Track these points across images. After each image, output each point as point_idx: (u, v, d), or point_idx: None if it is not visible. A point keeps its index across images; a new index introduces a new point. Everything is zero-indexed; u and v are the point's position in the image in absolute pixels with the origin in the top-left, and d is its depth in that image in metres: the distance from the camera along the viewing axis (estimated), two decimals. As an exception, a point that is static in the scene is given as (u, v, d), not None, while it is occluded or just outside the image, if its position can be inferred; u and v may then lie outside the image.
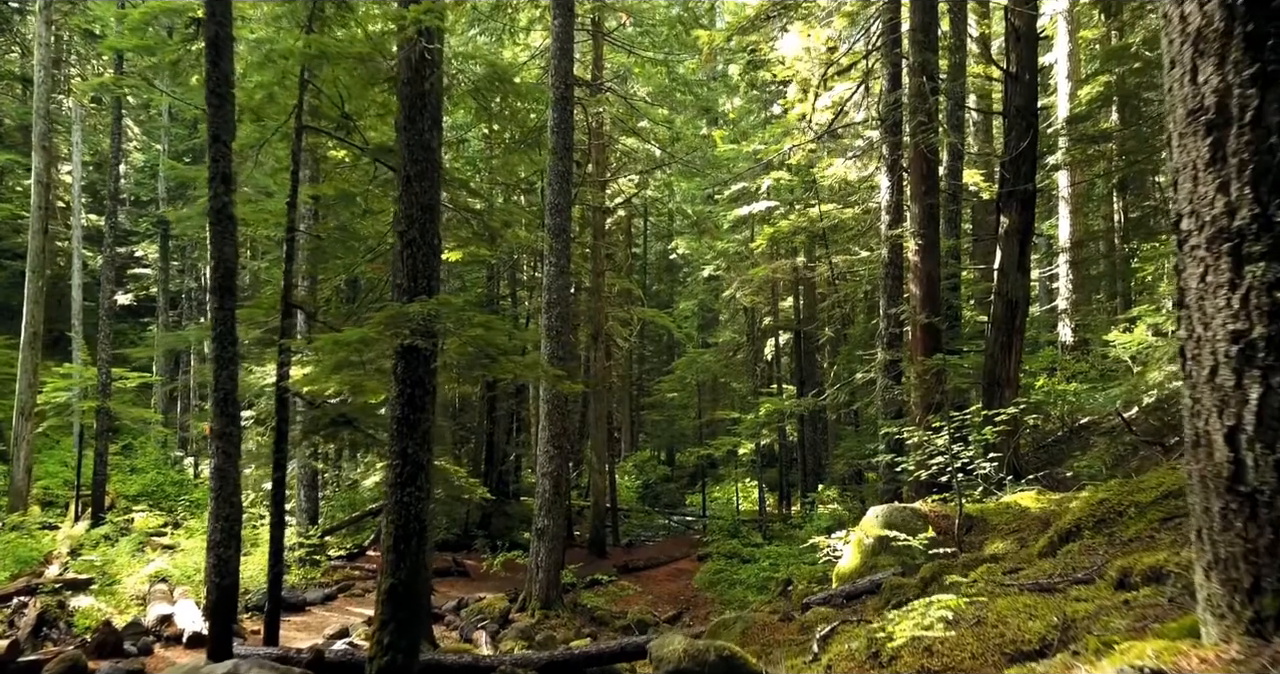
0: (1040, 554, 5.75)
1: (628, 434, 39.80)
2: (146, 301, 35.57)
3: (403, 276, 7.04)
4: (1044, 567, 4.89)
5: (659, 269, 44.42)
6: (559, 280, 14.47)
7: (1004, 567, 5.32)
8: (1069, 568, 4.60)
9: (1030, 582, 4.43)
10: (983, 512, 8.44)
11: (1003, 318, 12.34)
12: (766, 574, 16.59)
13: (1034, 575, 4.63)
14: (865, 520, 8.87)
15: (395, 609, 6.71)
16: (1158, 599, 3.11)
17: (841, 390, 14.36)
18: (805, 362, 25.89)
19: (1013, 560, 6.13)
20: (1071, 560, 4.82)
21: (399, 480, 6.88)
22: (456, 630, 13.13)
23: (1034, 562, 5.42)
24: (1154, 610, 2.95)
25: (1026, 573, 4.77)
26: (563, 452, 14.53)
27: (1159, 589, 3.22)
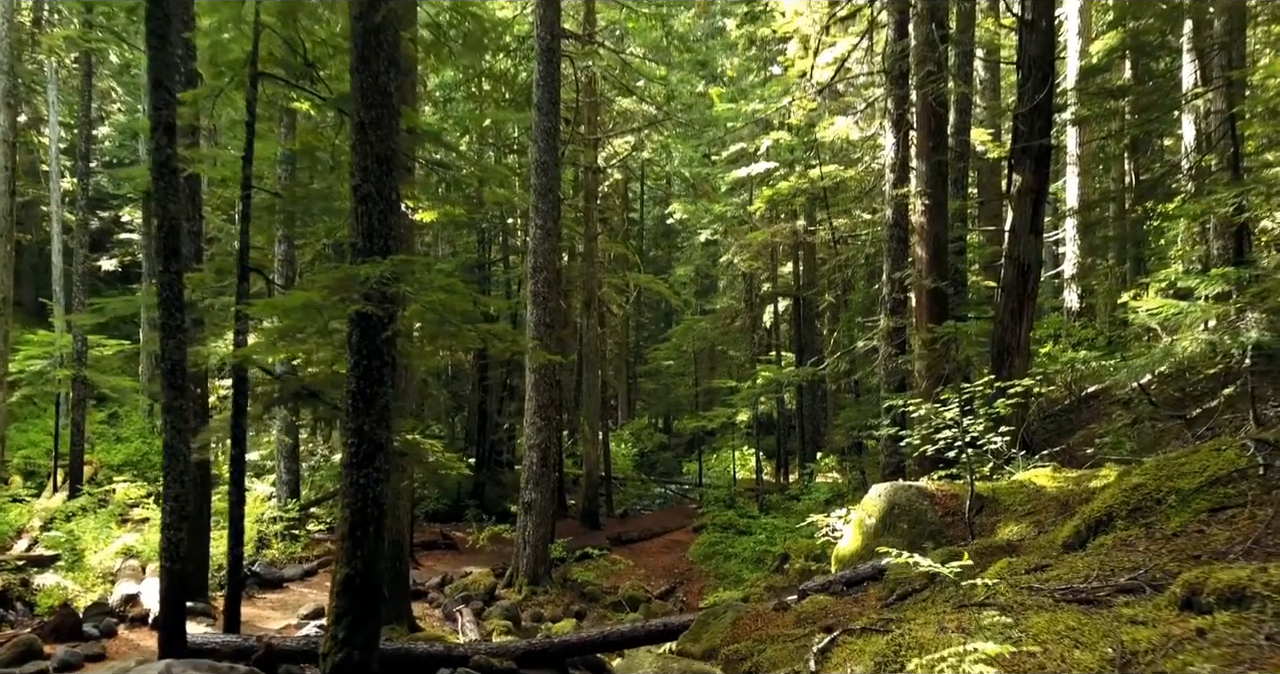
0: (1066, 546, 5.12)
1: (624, 402, 39.26)
2: (133, 267, 34.80)
3: (358, 236, 6.34)
4: (1075, 565, 4.25)
5: (656, 234, 43.60)
6: (545, 243, 13.75)
7: (1026, 562, 4.69)
8: (1106, 568, 3.97)
9: (1063, 586, 3.79)
10: (994, 490, 7.82)
11: (1013, 282, 11.64)
12: (763, 547, 16.08)
13: (1066, 577, 4.00)
14: (867, 499, 8.26)
15: (351, 601, 6.12)
16: (1244, 631, 2.49)
17: (842, 359, 13.72)
18: (805, 329, 25.22)
19: (1034, 552, 5.50)
20: (1108, 558, 4.19)
21: (354, 460, 6.25)
22: (439, 608, 12.62)
23: (1060, 557, 4.79)
24: (1247, 650, 2.34)
25: (1056, 573, 4.14)
26: (550, 423, 13.92)
27: (1242, 616, 2.60)
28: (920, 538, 7.56)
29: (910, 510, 7.73)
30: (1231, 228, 15.34)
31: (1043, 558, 4.87)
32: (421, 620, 11.93)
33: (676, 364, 29.97)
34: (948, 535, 7.47)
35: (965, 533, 7.34)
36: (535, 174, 13.91)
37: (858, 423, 17.18)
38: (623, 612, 13.65)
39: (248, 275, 8.57)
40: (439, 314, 6.24)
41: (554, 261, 14.09)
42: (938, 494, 7.89)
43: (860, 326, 19.68)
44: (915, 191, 12.08)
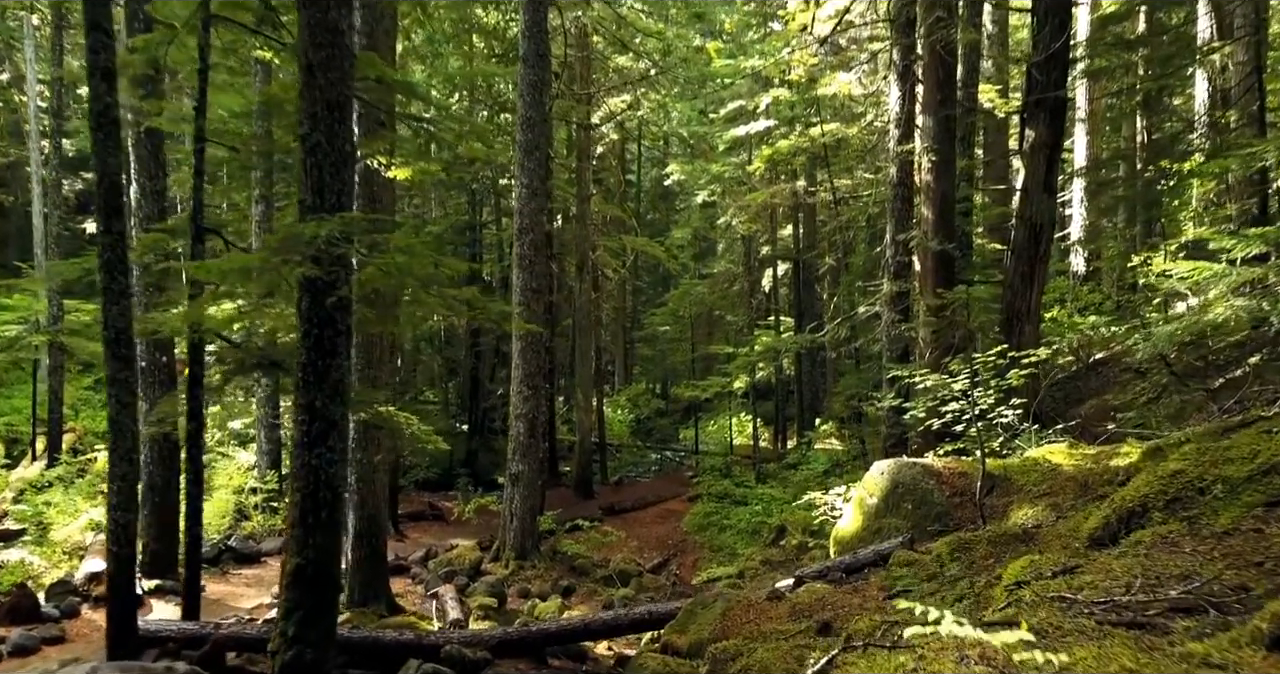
0: (1093, 539, 4.55)
1: (621, 367, 38.72)
2: (118, 230, 34.03)
3: (306, 191, 5.70)
4: (1111, 567, 3.68)
5: (654, 196, 42.77)
6: (532, 203, 13.07)
7: (1051, 561, 4.12)
8: (1151, 576, 3.40)
9: (1103, 599, 3.22)
10: (1005, 468, 7.26)
11: (1025, 244, 10.99)
12: (759, 519, 15.62)
13: (1104, 585, 3.43)
14: (869, 477, 7.71)
15: (303, 594, 5.57)
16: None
17: (842, 326, 13.11)
18: (805, 293, 24.57)
19: (1055, 543, 4.95)
20: (1149, 561, 3.62)
21: (306, 440, 5.66)
22: (422, 584, 12.16)
23: (1089, 554, 4.22)
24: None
25: (1091, 579, 3.57)
26: (538, 392, 13.36)
27: (1360, 668, 2.05)
28: (925, 520, 7.03)
29: (915, 490, 7.18)
30: (1254, 187, 14.64)
31: (1069, 555, 4.30)
32: (402, 598, 11.47)
33: (673, 329, 29.38)
34: (955, 518, 6.93)
35: (974, 515, 6.79)
36: (521, 130, 13.19)
37: (858, 391, 16.63)
38: (613, 586, 13.20)
39: (203, 236, 7.92)
40: (396, 279, 5.62)
41: (541, 223, 13.42)
42: (944, 472, 7.34)
43: (861, 291, 19.06)
44: (921, 148, 11.38)
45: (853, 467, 16.00)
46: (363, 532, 10.18)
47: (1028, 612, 3.46)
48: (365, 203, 10.14)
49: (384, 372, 10.35)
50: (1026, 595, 3.65)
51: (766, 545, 14.50)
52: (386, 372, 10.53)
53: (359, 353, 10.15)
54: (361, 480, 10.18)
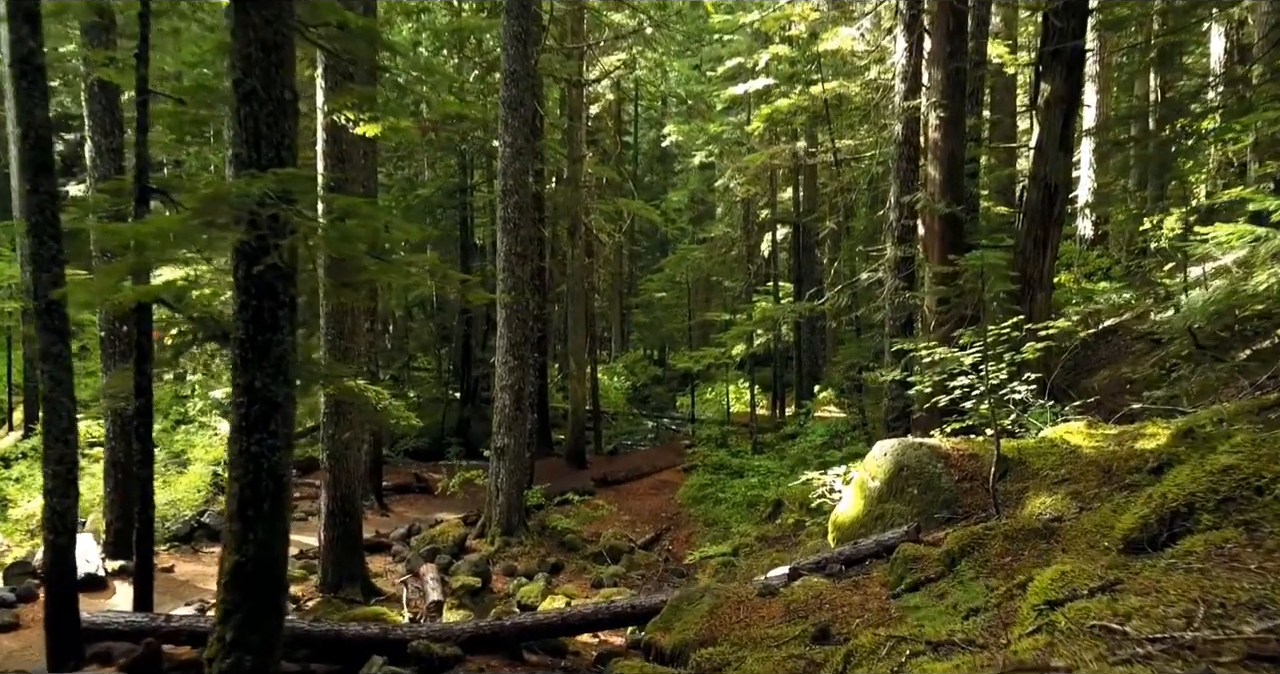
0: (1129, 543, 3.98)
1: (618, 333, 38.16)
2: (102, 193, 33.28)
3: (240, 144, 5.04)
4: (1160, 585, 3.11)
5: (651, 159, 41.87)
6: (516, 163, 12.36)
7: (1086, 573, 3.54)
8: (1214, 601, 2.82)
9: (1160, 636, 2.65)
10: (1019, 450, 6.69)
11: (1038, 206, 10.35)
12: (755, 492, 15.11)
13: (1158, 613, 2.85)
14: (871, 458, 7.14)
15: (243, 595, 5.02)
16: None
17: (843, 293, 12.49)
18: (804, 258, 23.89)
19: (1084, 546, 4.38)
20: (1208, 580, 3.04)
21: (244, 424, 5.07)
22: (403, 562, 11.66)
23: (1128, 564, 3.65)
24: None
25: (1139, 602, 2.98)
26: (524, 362, 12.77)
27: None
28: (932, 507, 6.47)
29: (921, 474, 6.61)
30: (1279, 146, 13.94)
31: (1106, 564, 3.72)
32: (381, 578, 10.99)
33: (670, 295, 28.71)
34: (964, 505, 6.37)
35: (986, 502, 6.24)
36: (505, 85, 12.45)
37: (858, 360, 16.05)
38: (603, 563, 12.72)
39: (148, 198, 7.27)
40: (337, 244, 5.00)
41: (526, 183, 12.73)
42: (953, 454, 6.77)
43: (863, 256, 18.41)
44: (929, 103, 10.67)
45: (852, 438, 15.47)
46: (335, 511, 9.66)
47: (1063, 643, 2.89)
48: (334, 162, 9.48)
49: (357, 343, 9.75)
50: (1060, 621, 3.07)
51: (763, 520, 14.01)
52: (360, 342, 9.93)
53: (329, 323, 9.55)
54: (333, 457, 9.64)
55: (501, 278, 12.53)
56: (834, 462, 14.30)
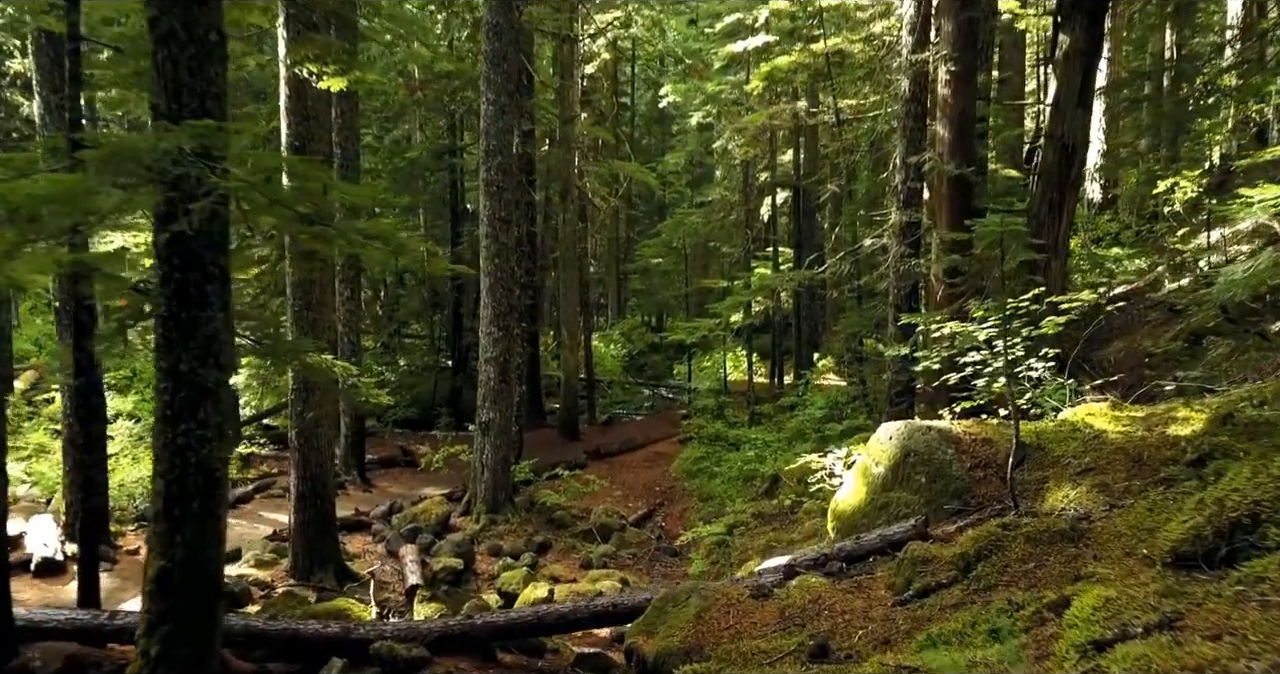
0: (1179, 557, 3.42)
1: (615, 300, 37.53)
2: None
3: (159, 93, 4.40)
4: (1232, 622, 2.55)
5: (649, 121, 40.93)
6: (499, 122, 11.66)
7: (1131, 598, 2.98)
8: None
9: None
10: (1038, 434, 6.12)
11: (1054, 167, 9.69)
12: (751, 466, 14.61)
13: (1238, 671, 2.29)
14: (875, 442, 6.58)
15: (170, 603, 4.48)
16: None
17: (844, 260, 11.85)
18: (804, 222, 23.18)
19: (1120, 555, 3.82)
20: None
21: (169, 412, 4.50)
22: (383, 542, 11.17)
23: (1186, 590, 3.08)
24: None
25: (1211, 652, 2.42)
26: (509, 332, 12.17)
27: None
28: (941, 496, 5.91)
29: (930, 460, 6.05)
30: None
31: (1155, 587, 3.15)
32: (359, 560, 10.50)
33: (667, 261, 28.01)
34: (977, 495, 5.81)
35: (1002, 492, 5.68)
36: (488, 39, 11.71)
37: (859, 329, 15.45)
38: (592, 542, 12.25)
39: (83, 156, 6.60)
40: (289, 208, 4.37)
41: (510, 144, 12.03)
42: (964, 438, 6.20)
43: (865, 221, 17.74)
44: (939, 56, 9.95)
45: (852, 410, 14.94)
46: (305, 492, 9.13)
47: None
48: (298, 120, 8.81)
49: (325, 314, 9.15)
50: (1113, 670, 2.50)
51: (759, 496, 13.53)
52: (329, 314, 9.32)
53: (295, 294, 8.94)
54: (303, 436, 9.08)
55: (485, 244, 11.90)
56: (833, 435, 13.80)
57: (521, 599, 8.36)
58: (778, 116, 20.57)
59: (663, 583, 10.72)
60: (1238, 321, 8.21)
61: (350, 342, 13.93)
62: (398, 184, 24.89)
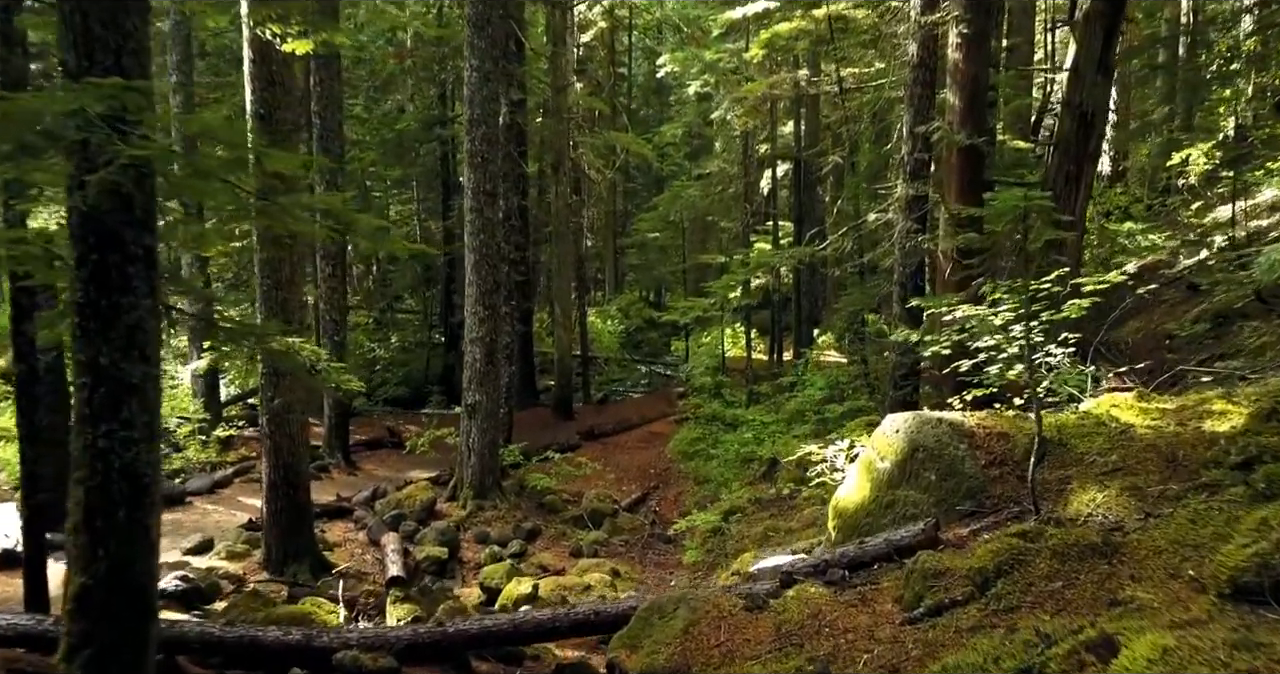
0: (1239, 588, 2.93)
1: (612, 274, 36.89)
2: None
3: (67, 47, 3.85)
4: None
5: (647, 91, 40.10)
6: (484, 89, 11.05)
7: (1202, 654, 2.49)
8: None
9: None
10: (1059, 428, 5.62)
11: (1071, 137, 9.11)
12: (749, 448, 14.16)
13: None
14: (880, 435, 6.08)
15: (93, 626, 4.00)
16: None
17: (847, 237, 11.29)
18: (805, 196, 22.55)
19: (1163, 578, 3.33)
20: None
21: (88, 411, 3.99)
22: (364, 530, 10.72)
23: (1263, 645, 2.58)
24: None
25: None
26: (496, 311, 11.65)
27: None
28: (953, 496, 5.43)
29: (940, 456, 5.55)
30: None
31: (1219, 632, 2.66)
32: (337, 550, 10.06)
33: (664, 236, 27.37)
34: (992, 495, 5.32)
35: (1020, 492, 5.19)
36: (471, 2, 11.07)
37: (861, 307, 14.94)
38: (583, 528, 11.82)
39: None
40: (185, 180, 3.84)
41: (496, 112, 11.43)
42: (978, 432, 5.70)
43: (868, 194, 17.15)
44: (950, 18, 9.33)
45: (854, 390, 14.46)
46: (278, 481, 8.66)
47: None
48: (262, 86, 8.22)
49: (296, 294, 8.62)
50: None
51: (756, 480, 13.08)
52: (299, 294, 8.80)
53: (264, 272, 8.42)
54: (273, 422, 8.60)
55: (469, 219, 11.34)
56: (834, 416, 13.33)
57: (504, 596, 7.91)
58: (778, 86, 19.90)
59: (655, 573, 10.32)
60: (1268, 302, 7.69)
61: (333, 320, 13.42)
62: (389, 156, 24.22)
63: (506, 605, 7.79)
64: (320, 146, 13.16)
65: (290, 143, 8.37)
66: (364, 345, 24.65)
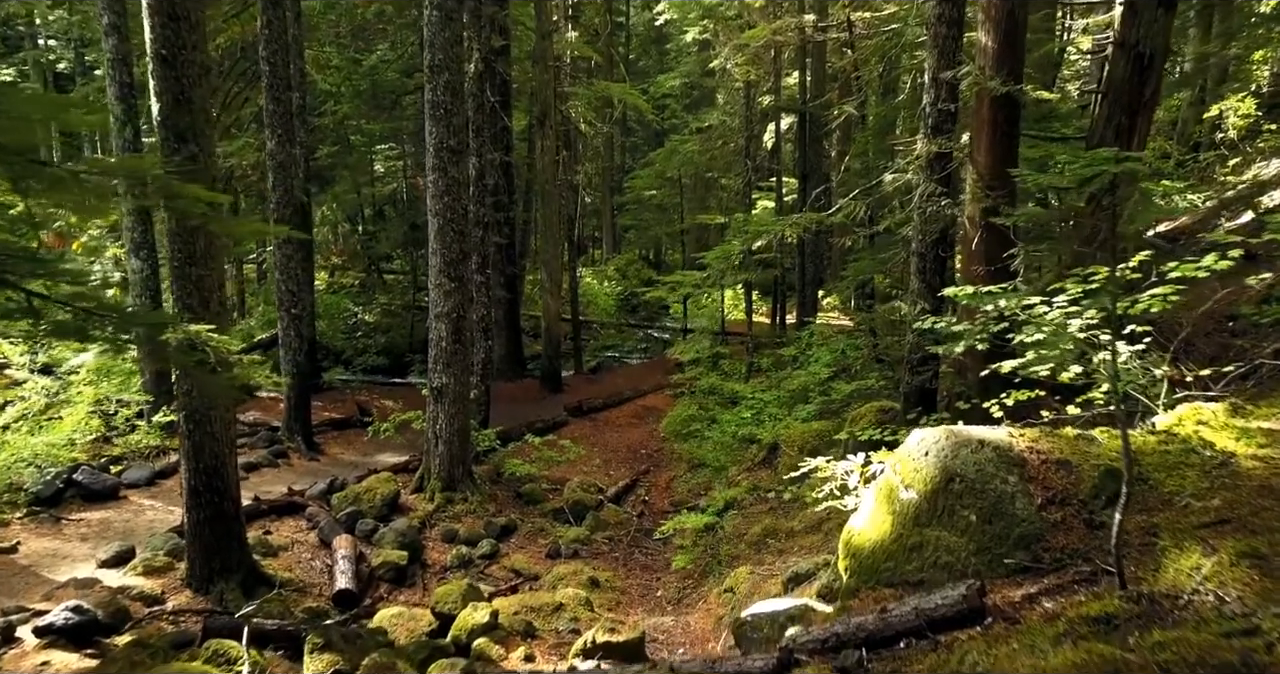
0: None
1: (609, 235, 35.49)
2: None
3: None
4: None
5: (646, 41, 38.34)
6: (446, 31, 9.66)
7: None
8: None
9: None
10: (1138, 454, 4.40)
11: (1124, 84, 7.76)
12: (748, 428, 13.00)
13: None
14: (904, 454, 4.87)
15: None
16: None
17: (859, 201, 9.96)
18: (811, 150, 21.09)
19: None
20: None
21: None
22: (316, 529, 9.60)
23: None
24: None
25: None
26: (463, 283, 10.40)
27: None
28: (1000, 544, 4.23)
29: (983, 491, 4.35)
30: None
31: None
32: (282, 555, 8.94)
33: (660, 194, 25.95)
34: (1054, 548, 4.12)
35: (1088, 546, 4.00)
36: (431, -72, 9.64)
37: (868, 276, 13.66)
38: (564, 523, 10.73)
39: None
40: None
41: (459, 57, 10.03)
42: (1030, 459, 4.48)
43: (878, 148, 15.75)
44: (984, -59, 7.92)
45: (862, 367, 13.23)
46: (199, 487, 7.50)
47: None
48: (164, 21, 6.88)
49: (216, 270, 7.37)
50: None
51: (755, 465, 11.97)
52: (220, 269, 7.54)
53: (174, 245, 7.15)
54: (192, 420, 7.41)
55: (432, 179, 10.04)
56: (840, 396, 12.14)
57: (457, 626, 6.79)
58: (782, 32, 18.33)
59: (640, 579, 9.23)
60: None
61: (290, 291, 12.16)
62: (368, 108, 22.77)
63: (460, 638, 6.67)
64: (269, 97, 11.79)
65: (200, 89, 7.03)
66: (347, 309, 23.46)
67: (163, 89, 6.95)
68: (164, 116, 6.99)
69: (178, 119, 7.01)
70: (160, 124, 7.01)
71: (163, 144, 7.02)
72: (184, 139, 7.03)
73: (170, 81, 6.94)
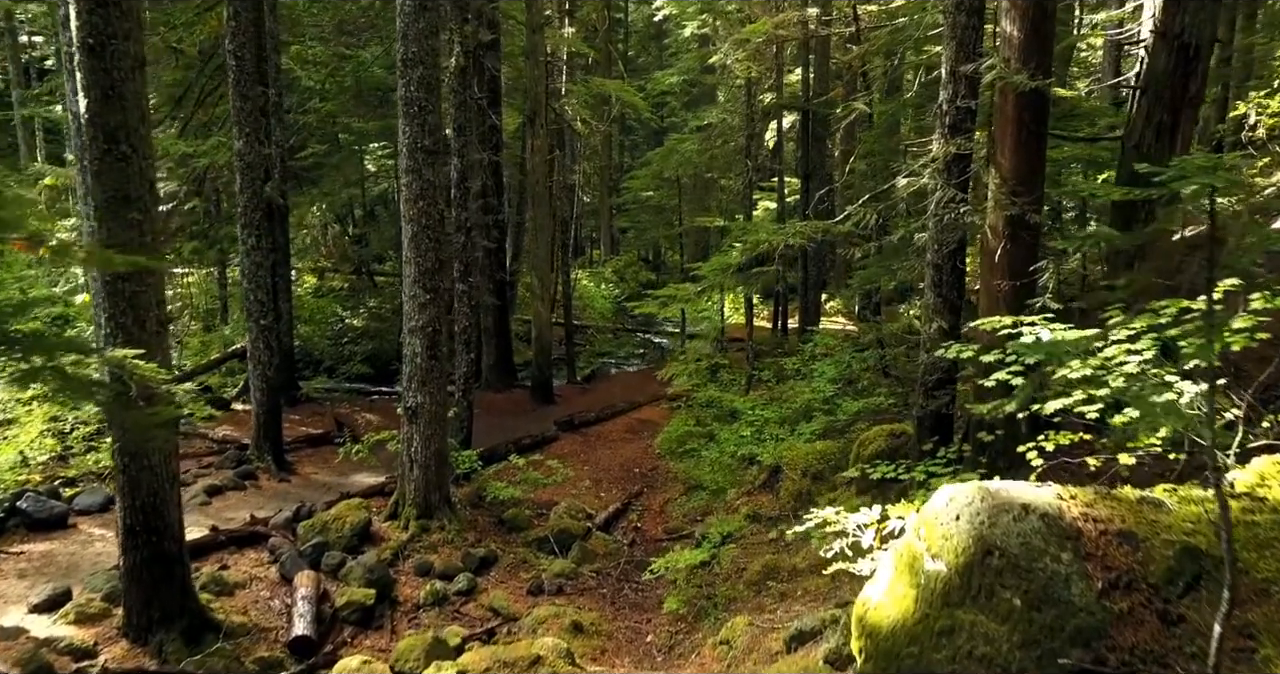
0: None
1: (607, 236, 34.71)
2: None
3: None
4: None
5: (645, 37, 37.59)
6: (419, 21, 8.89)
7: None
8: None
9: None
10: (1217, 525, 3.63)
11: (1165, 77, 7.01)
12: (748, 446, 12.19)
13: None
14: (931, 516, 4.08)
15: None
16: None
17: (868, 207, 9.19)
18: (814, 149, 20.30)
19: None
20: None
21: None
22: (277, 563, 8.84)
23: None
24: None
25: None
26: (439, 295, 9.62)
27: None
28: (1054, 639, 3.45)
29: (1029, 570, 3.58)
30: None
31: None
32: (238, 594, 8.18)
33: (658, 195, 25.16)
34: (1121, 649, 3.34)
35: (1164, 646, 3.22)
36: (404, -90, 8.87)
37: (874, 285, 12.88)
38: (548, 554, 9.96)
39: None
40: None
41: (435, 50, 9.26)
42: (1086, 530, 3.70)
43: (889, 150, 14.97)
44: (1009, -81, 7.13)
45: (869, 383, 12.46)
46: (136, 527, 6.74)
47: None
48: (90, 7, 6.12)
49: (150, 286, 6.60)
50: None
51: (755, 489, 11.21)
52: (158, 285, 6.78)
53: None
54: (126, 453, 6.66)
55: (405, 182, 9.28)
56: (846, 415, 11.38)
57: (417, 688, 6.03)
58: (784, 26, 17.54)
59: (628, 622, 8.45)
60: None
61: (258, 300, 11.38)
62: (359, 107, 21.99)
63: (419, 705, 5.91)
64: (236, 93, 11.02)
65: (134, 83, 6.27)
66: (334, 314, 22.70)
67: (90, 83, 6.20)
68: (92, 114, 6.24)
69: (108, 117, 6.26)
70: (88, 122, 6.26)
71: (90, 144, 6.27)
72: (115, 139, 6.28)
73: (99, 74, 6.19)
